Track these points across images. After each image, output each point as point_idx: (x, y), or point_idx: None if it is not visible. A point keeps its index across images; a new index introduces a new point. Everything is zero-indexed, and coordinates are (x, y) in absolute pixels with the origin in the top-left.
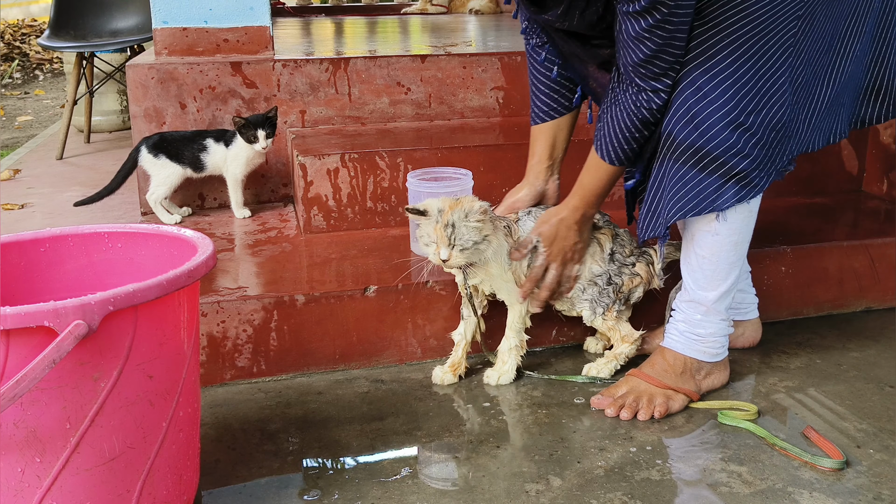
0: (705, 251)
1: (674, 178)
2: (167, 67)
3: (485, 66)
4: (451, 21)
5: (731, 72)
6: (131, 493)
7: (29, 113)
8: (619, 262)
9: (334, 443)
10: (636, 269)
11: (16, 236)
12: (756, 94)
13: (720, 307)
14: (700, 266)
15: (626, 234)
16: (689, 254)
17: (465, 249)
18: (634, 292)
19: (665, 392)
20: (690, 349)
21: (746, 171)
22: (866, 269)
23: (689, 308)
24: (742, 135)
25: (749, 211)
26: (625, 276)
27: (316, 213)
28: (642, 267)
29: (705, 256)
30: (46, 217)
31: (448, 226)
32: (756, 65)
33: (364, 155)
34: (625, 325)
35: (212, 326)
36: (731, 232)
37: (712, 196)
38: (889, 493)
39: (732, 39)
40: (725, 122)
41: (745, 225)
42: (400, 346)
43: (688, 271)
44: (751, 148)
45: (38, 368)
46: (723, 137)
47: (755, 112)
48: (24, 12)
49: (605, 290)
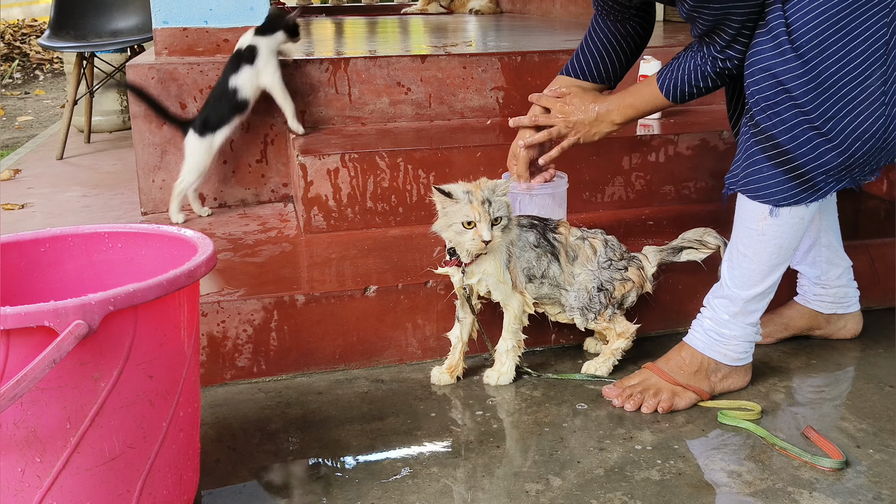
0: (748, 250)
1: (746, 151)
2: (167, 67)
3: (485, 66)
4: (452, 21)
5: (815, 75)
6: (131, 493)
7: (29, 113)
8: (610, 267)
9: (334, 443)
10: (627, 274)
11: (16, 236)
12: (841, 100)
13: (751, 309)
14: (740, 263)
15: (615, 241)
16: (732, 249)
17: (505, 228)
18: (627, 297)
19: (673, 388)
20: (711, 349)
21: (813, 175)
22: (866, 269)
23: (719, 305)
24: (821, 143)
25: (801, 216)
26: (616, 282)
27: (316, 213)
28: (633, 272)
29: (747, 255)
30: (46, 217)
31: (485, 202)
32: (844, 68)
33: (364, 155)
34: (620, 323)
35: (212, 326)
36: (778, 234)
37: (772, 188)
38: (889, 493)
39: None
40: (805, 126)
41: (794, 228)
42: (400, 346)
43: (727, 266)
44: (829, 157)
45: (38, 368)
46: (801, 141)
47: (837, 119)
48: (24, 12)
49: (595, 296)
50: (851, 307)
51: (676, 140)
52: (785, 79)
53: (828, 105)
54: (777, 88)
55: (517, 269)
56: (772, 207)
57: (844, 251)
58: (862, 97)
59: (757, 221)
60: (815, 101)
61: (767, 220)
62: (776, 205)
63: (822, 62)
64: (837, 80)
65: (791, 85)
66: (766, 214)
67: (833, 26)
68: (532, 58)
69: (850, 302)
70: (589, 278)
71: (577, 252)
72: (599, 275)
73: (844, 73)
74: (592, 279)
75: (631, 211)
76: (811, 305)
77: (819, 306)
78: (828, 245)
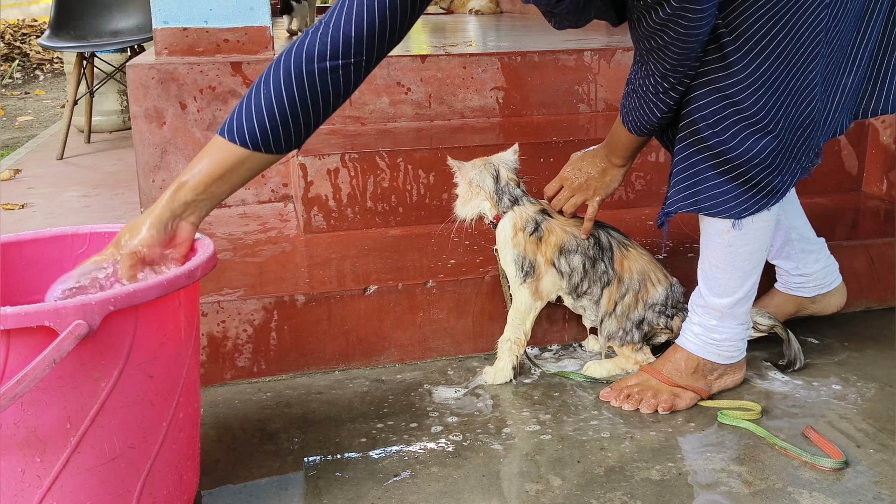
0: (719, 262)
1: (693, 169)
2: (167, 68)
3: (485, 66)
4: (451, 21)
5: (760, 75)
6: (132, 492)
7: (29, 113)
8: (661, 311)
9: (334, 443)
10: (672, 323)
11: (16, 236)
12: (786, 95)
13: (736, 312)
14: (714, 275)
15: (679, 286)
16: (704, 261)
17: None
18: (658, 337)
19: (673, 389)
20: (704, 351)
21: (769, 180)
22: (866, 269)
23: (703, 313)
24: (769, 142)
25: (765, 220)
26: (658, 327)
27: (316, 213)
28: (677, 322)
29: (719, 267)
30: (47, 217)
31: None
32: (787, 66)
33: (364, 155)
34: (642, 354)
35: (212, 326)
36: (745, 241)
37: (730, 203)
38: (889, 493)
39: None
40: (751, 129)
41: (761, 233)
42: (400, 346)
43: (702, 277)
44: (775, 157)
45: (38, 368)
46: (747, 146)
47: (784, 115)
48: (24, 12)
49: (631, 330)
50: (834, 283)
51: None
52: (724, 84)
53: (765, 99)
54: (724, 102)
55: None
56: (734, 221)
57: (833, 252)
58: (802, 85)
59: (721, 235)
60: (752, 97)
61: (731, 232)
62: (738, 217)
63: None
64: (779, 76)
65: (733, 91)
66: (730, 227)
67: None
68: (532, 58)
69: (832, 279)
70: (634, 311)
71: (634, 287)
72: (646, 313)
73: (784, 68)
74: (637, 314)
75: (631, 211)
76: (794, 293)
77: (803, 292)
78: (799, 238)
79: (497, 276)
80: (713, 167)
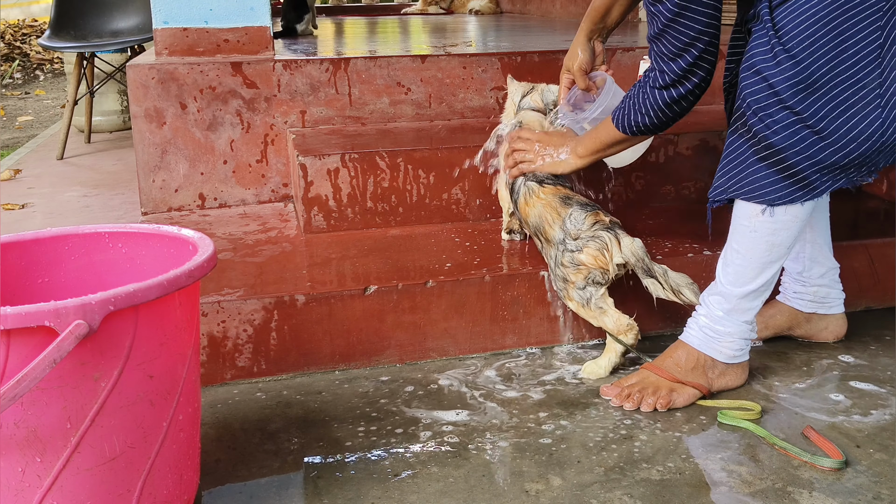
0: (741, 246)
1: (739, 158)
2: (168, 68)
3: (485, 66)
4: (452, 21)
5: (806, 76)
6: (132, 492)
7: (29, 113)
8: (562, 246)
9: (334, 442)
10: (580, 257)
11: (16, 236)
12: (833, 101)
13: (745, 306)
14: (732, 260)
15: (578, 213)
16: (727, 247)
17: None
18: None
19: (671, 385)
20: (707, 346)
21: (807, 174)
22: (866, 269)
23: (714, 302)
24: (816, 141)
25: (795, 215)
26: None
27: (316, 213)
28: (590, 252)
29: (739, 251)
30: (47, 217)
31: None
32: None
33: (364, 155)
34: (609, 317)
35: (212, 326)
36: (771, 230)
37: (766, 188)
38: (889, 492)
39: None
40: (798, 126)
41: (788, 226)
42: (400, 346)
43: (721, 264)
44: (823, 154)
45: (38, 368)
46: (794, 140)
47: (831, 119)
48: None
49: (555, 273)
50: (833, 308)
51: (676, 140)
52: (775, 81)
53: (819, 105)
54: (767, 91)
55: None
56: (766, 207)
57: (833, 253)
58: (855, 98)
59: (749, 218)
60: (805, 101)
61: (760, 217)
62: (771, 204)
63: (812, 64)
64: (829, 81)
65: (780, 87)
66: (759, 212)
67: (823, 28)
68: (532, 58)
69: (833, 303)
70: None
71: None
72: (555, 251)
73: (835, 73)
74: (552, 257)
75: (631, 211)
76: (790, 303)
77: (798, 304)
78: (812, 241)
79: (497, 277)
80: (755, 153)
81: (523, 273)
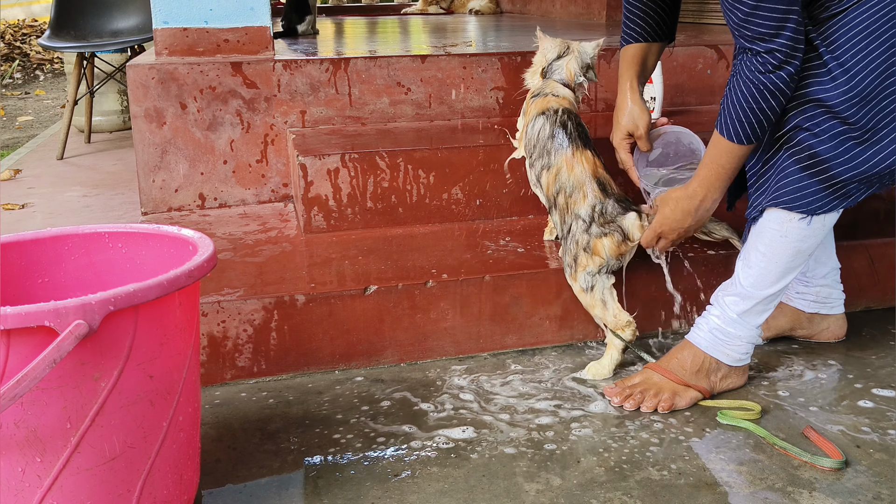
0: (767, 249)
1: (776, 169)
2: (168, 68)
3: (485, 66)
4: (451, 21)
5: (860, 90)
6: (132, 492)
7: (29, 113)
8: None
9: (334, 442)
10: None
11: (16, 236)
12: (882, 111)
13: (760, 310)
14: (756, 262)
15: (614, 205)
16: (750, 248)
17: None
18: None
19: (674, 387)
20: (714, 348)
21: (847, 183)
22: (866, 269)
23: (730, 303)
24: (860, 152)
25: (824, 223)
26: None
27: (316, 213)
28: (606, 243)
29: (765, 254)
30: (47, 217)
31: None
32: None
33: (364, 155)
34: (609, 310)
35: (212, 326)
36: (801, 237)
37: (808, 198)
38: (888, 492)
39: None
40: (844, 136)
41: (816, 233)
42: (400, 346)
43: (742, 264)
44: (867, 165)
45: (38, 368)
46: (840, 151)
47: (877, 129)
48: (24, 12)
49: (567, 247)
50: (835, 309)
51: None
52: (827, 94)
53: (869, 116)
54: (817, 103)
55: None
56: (804, 215)
57: (836, 253)
58: None
59: (782, 223)
60: (858, 113)
61: (793, 223)
62: (813, 213)
63: (866, 77)
64: (880, 93)
65: (835, 100)
66: (793, 218)
67: (875, 42)
68: (532, 58)
69: (834, 304)
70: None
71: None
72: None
73: (886, 85)
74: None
75: None
76: (793, 303)
77: (801, 304)
78: (819, 246)
79: (497, 277)
80: (797, 162)
81: (523, 273)
